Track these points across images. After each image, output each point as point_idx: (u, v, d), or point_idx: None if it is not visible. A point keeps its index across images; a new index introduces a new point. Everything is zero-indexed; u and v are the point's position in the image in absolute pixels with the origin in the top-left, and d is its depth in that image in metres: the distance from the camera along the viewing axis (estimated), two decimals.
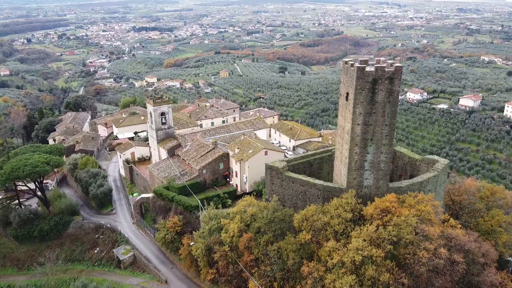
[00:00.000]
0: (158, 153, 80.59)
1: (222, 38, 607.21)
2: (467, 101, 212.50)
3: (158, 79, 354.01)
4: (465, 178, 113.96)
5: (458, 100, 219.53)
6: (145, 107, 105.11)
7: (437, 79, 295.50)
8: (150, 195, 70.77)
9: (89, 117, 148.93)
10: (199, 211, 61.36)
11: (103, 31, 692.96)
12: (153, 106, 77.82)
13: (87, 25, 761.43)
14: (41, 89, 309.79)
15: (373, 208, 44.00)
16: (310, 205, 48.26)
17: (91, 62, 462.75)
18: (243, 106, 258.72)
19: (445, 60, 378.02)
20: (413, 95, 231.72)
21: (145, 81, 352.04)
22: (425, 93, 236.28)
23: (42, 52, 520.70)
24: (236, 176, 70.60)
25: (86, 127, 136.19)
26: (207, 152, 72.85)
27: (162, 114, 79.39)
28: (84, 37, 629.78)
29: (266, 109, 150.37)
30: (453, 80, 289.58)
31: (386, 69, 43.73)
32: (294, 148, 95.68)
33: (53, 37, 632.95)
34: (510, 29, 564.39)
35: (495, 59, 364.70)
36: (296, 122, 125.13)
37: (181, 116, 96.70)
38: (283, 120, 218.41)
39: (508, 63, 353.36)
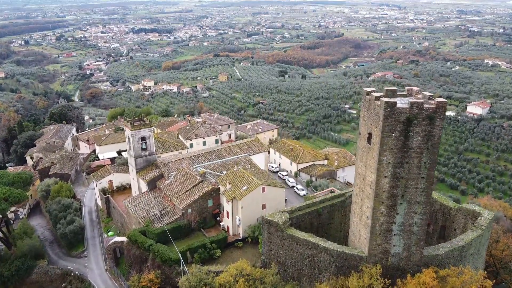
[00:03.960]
0: (138, 184, 68.99)
1: (222, 40, 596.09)
2: (475, 109, 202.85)
3: (155, 83, 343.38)
4: (481, 198, 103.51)
5: (466, 107, 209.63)
6: None
7: (441, 83, 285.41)
8: (125, 239, 59.25)
9: (74, 130, 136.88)
10: (180, 266, 50.11)
11: (102, 32, 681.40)
12: (131, 130, 65.70)
13: (85, 27, 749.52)
14: (36, 93, 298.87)
15: None
16: (320, 282, 36.87)
17: (87, 65, 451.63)
18: (242, 112, 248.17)
19: (448, 63, 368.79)
20: None
21: (142, 85, 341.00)
22: None
23: (39, 54, 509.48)
24: (228, 217, 59.05)
25: (69, 142, 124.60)
26: (193, 186, 61.27)
27: (142, 139, 67.30)
28: (82, 39, 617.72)
29: (265, 122, 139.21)
30: (458, 85, 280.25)
31: (425, 106, 32.27)
32: (296, 174, 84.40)
33: (51, 39, 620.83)
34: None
35: (499, 63, 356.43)
36: (298, 141, 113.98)
37: (167, 137, 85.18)
38: (283, 127, 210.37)
39: None
